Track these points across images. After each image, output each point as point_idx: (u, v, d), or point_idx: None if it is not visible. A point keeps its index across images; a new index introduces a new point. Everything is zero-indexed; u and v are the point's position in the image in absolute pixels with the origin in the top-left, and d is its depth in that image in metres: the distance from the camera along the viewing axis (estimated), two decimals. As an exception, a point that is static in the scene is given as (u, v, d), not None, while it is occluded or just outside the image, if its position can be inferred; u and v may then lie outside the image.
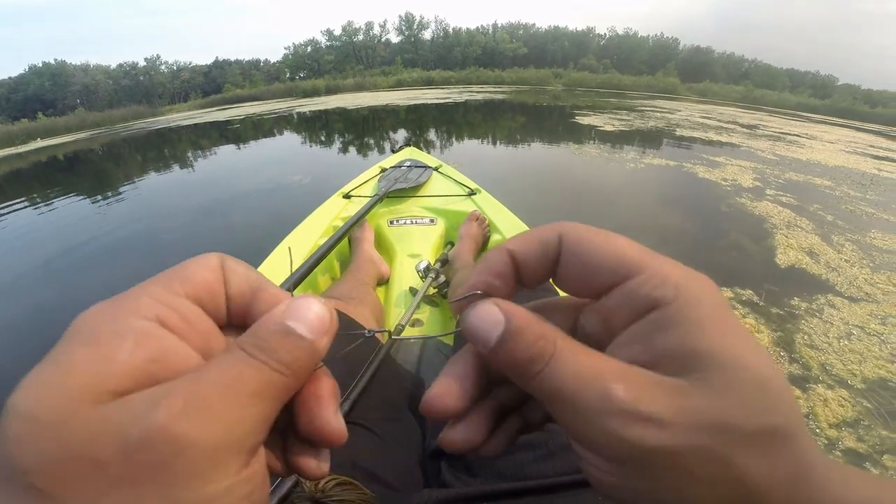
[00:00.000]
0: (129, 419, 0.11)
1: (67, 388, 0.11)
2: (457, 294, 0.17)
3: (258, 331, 0.14)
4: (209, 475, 0.12)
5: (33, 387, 0.12)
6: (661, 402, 0.13)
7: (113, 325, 0.13)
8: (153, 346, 0.13)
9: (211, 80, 39.66)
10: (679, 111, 10.87)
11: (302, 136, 7.69)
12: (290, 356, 0.14)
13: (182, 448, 0.11)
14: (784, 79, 42.21)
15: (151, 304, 0.14)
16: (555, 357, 0.14)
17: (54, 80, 32.62)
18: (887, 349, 1.45)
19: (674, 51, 45.26)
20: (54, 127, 14.67)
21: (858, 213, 2.93)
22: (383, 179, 1.55)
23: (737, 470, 0.13)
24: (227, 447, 0.12)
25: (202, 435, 0.12)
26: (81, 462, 0.11)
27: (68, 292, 2.03)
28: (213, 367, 0.13)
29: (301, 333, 0.14)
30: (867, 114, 22.49)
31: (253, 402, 0.13)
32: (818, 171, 4.28)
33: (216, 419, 0.12)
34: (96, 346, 0.12)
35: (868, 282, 1.91)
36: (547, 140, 5.97)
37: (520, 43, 44.11)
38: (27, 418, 0.11)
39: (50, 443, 0.11)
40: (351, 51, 42.16)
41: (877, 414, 1.18)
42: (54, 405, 0.11)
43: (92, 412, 0.11)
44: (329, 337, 0.15)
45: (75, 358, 0.12)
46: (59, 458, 0.11)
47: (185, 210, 3.28)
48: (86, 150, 8.61)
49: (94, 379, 0.12)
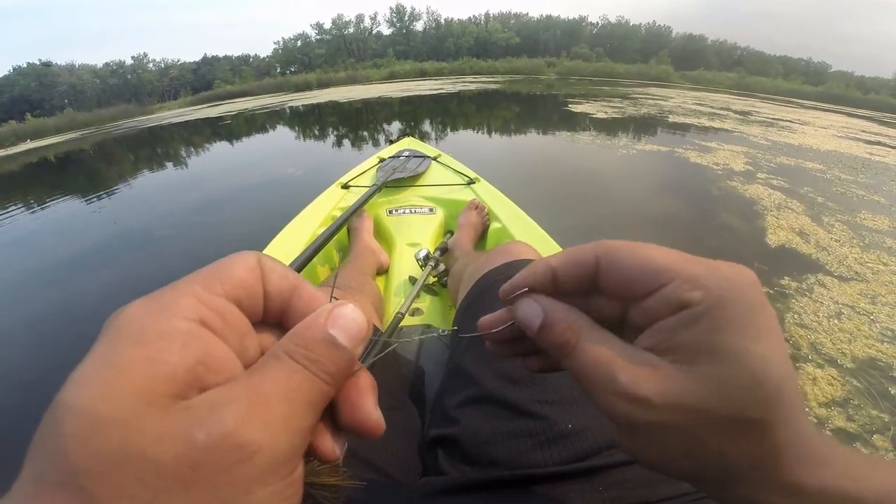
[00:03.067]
0: (194, 423, 0.12)
1: (125, 388, 0.11)
2: (506, 290, 0.21)
3: (304, 338, 0.15)
4: (267, 480, 0.12)
5: (89, 385, 0.12)
6: (652, 387, 0.16)
7: (159, 326, 0.13)
8: (198, 348, 0.13)
9: (200, 76, 39.09)
10: (672, 98, 10.84)
11: (295, 131, 7.62)
12: (335, 367, 0.15)
13: (250, 454, 0.12)
14: (777, 66, 42.05)
15: (194, 304, 0.14)
16: (579, 344, 0.18)
17: (40, 81, 32.05)
18: (877, 328, 1.45)
19: (667, 39, 45.01)
20: (43, 128, 14.46)
21: (849, 195, 2.95)
22: (382, 169, 1.54)
23: (712, 447, 0.16)
24: (287, 454, 0.13)
25: (269, 442, 0.12)
26: (141, 464, 0.11)
27: (64, 292, 2.03)
28: (269, 375, 0.13)
29: (343, 344, 0.15)
30: (860, 100, 22.49)
31: (308, 411, 0.14)
32: (810, 155, 4.30)
33: (281, 427, 0.13)
34: (146, 347, 0.12)
35: (858, 261, 1.92)
36: (541, 129, 5.95)
37: (512, 33, 43.73)
38: (87, 416, 0.11)
39: (110, 442, 0.11)
40: (342, 44, 41.63)
41: (867, 393, 1.18)
42: (115, 405, 0.11)
43: (151, 415, 0.11)
44: (363, 345, 0.16)
45: (126, 358, 0.12)
46: (118, 459, 0.11)
47: (179, 206, 3.26)
48: (77, 150, 8.49)
49: (149, 380, 0.12)
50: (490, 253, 0.62)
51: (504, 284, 0.21)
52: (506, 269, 0.54)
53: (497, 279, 0.53)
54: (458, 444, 0.38)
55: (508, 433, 0.36)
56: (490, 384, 0.41)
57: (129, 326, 0.13)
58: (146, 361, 0.12)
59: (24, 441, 0.11)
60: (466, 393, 0.42)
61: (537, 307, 0.20)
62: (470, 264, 0.68)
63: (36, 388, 1.36)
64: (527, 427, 0.36)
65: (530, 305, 0.20)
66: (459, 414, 0.41)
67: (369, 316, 0.76)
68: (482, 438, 0.37)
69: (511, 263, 0.54)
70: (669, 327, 0.17)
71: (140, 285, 1.97)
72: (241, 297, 0.15)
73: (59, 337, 1.64)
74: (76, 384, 0.12)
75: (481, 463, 0.37)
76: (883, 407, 1.14)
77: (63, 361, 1.47)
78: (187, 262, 2.19)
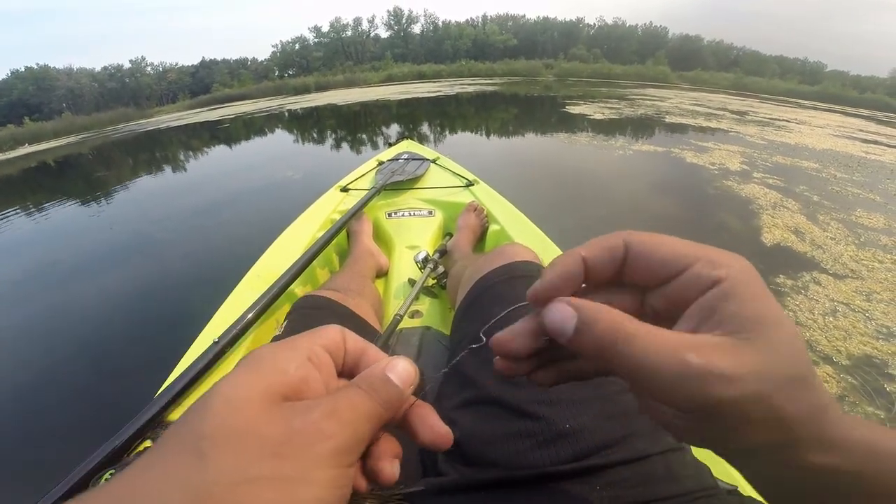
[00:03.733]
0: (293, 415, 0.17)
1: (256, 384, 0.17)
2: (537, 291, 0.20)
3: (370, 376, 0.20)
4: (332, 462, 0.17)
5: (235, 380, 0.17)
6: (725, 362, 0.16)
7: (286, 354, 0.19)
8: (305, 372, 0.19)
9: (198, 80, 39.10)
10: (669, 99, 10.88)
11: (293, 134, 7.64)
12: (388, 396, 0.19)
13: (325, 438, 0.17)
14: (773, 66, 42.18)
15: (307, 346, 0.20)
16: (632, 337, 0.17)
17: (38, 85, 32.00)
18: (872, 325, 1.46)
19: (663, 39, 45.17)
20: (42, 132, 14.45)
21: (845, 193, 2.97)
22: (381, 172, 1.55)
23: (777, 409, 0.16)
24: (347, 447, 0.18)
25: (338, 433, 0.17)
26: (251, 437, 0.16)
27: (62, 296, 2.04)
28: (345, 394, 0.19)
29: (396, 383, 0.20)
30: (856, 99, 22.57)
31: (364, 420, 0.18)
32: (806, 154, 4.32)
33: (348, 426, 0.18)
34: (276, 363, 0.19)
35: (853, 258, 1.94)
36: (538, 130, 5.97)
37: (509, 35, 43.86)
38: (226, 398, 0.17)
39: (237, 419, 0.16)
40: (340, 47, 41.73)
41: (862, 391, 1.19)
42: (247, 394, 0.17)
43: (268, 404, 0.17)
44: (413, 387, 0.21)
45: (264, 367, 0.18)
46: (237, 431, 0.16)
47: (178, 209, 3.28)
48: (75, 154, 8.49)
49: (273, 382, 0.18)
50: (489, 255, 0.62)
51: (534, 286, 0.20)
52: (504, 271, 0.54)
53: (496, 281, 0.53)
54: (458, 445, 0.38)
55: (507, 434, 0.37)
56: (488, 386, 0.41)
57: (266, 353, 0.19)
58: (274, 371, 0.18)
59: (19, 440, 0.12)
60: (465, 394, 0.42)
61: (568, 309, 0.18)
62: (469, 266, 0.68)
63: (31, 390, 1.36)
64: (525, 427, 0.36)
65: (558, 309, 0.19)
66: (458, 415, 0.41)
67: (368, 318, 0.78)
68: (481, 439, 0.38)
69: (510, 265, 0.55)
70: (708, 304, 0.18)
71: (139, 288, 1.98)
72: (331, 349, 0.21)
73: (55, 341, 1.65)
74: (228, 380, 0.18)
75: (480, 464, 0.37)
76: (879, 404, 1.15)
77: (58, 365, 1.48)
78: (186, 265, 2.20)
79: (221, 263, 2.12)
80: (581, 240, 0.21)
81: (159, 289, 1.96)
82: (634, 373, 0.17)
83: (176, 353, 0.70)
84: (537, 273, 0.54)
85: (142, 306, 1.82)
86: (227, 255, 2.23)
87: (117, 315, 1.78)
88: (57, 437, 1.15)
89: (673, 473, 0.33)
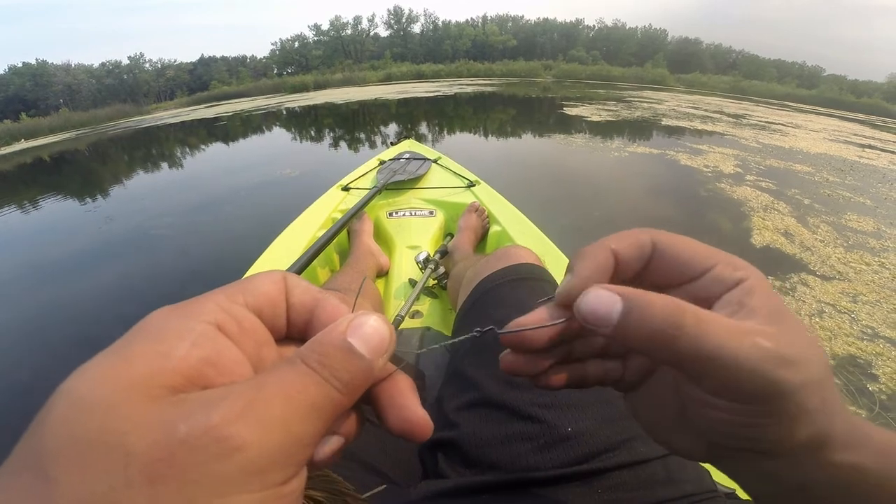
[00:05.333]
0: (180, 416, 0.11)
1: (123, 377, 0.12)
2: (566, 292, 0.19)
3: (321, 344, 0.14)
4: (248, 483, 0.11)
5: (90, 373, 0.12)
6: (792, 347, 0.16)
7: (175, 326, 0.13)
8: (209, 347, 0.13)
9: (197, 77, 38.94)
10: (666, 102, 10.92)
11: (292, 132, 7.63)
12: (349, 375, 0.14)
13: (231, 449, 0.11)
14: (771, 70, 42.36)
15: (213, 309, 0.14)
16: (701, 319, 0.16)
17: (35, 81, 31.78)
18: (857, 326, 1.48)
19: (662, 42, 45.27)
20: (38, 127, 14.37)
21: (836, 196, 2.99)
22: (382, 171, 1.54)
23: (826, 400, 0.16)
24: (278, 458, 0.12)
25: (257, 440, 0.11)
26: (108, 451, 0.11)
27: (58, 290, 2.03)
28: (276, 376, 0.13)
29: (361, 353, 0.14)
30: (853, 103, 22.64)
31: (312, 415, 0.13)
32: (799, 158, 4.35)
33: (275, 427, 0.12)
34: (156, 342, 0.13)
35: (841, 261, 1.95)
36: (536, 131, 5.99)
37: (509, 35, 43.92)
38: (74, 402, 0.11)
39: (89, 428, 0.11)
40: (339, 45, 41.65)
41: (845, 390, 1.20)
42: (105, 393, 0.11)
43: (142, 404, 0.11)
44: (386, 357, 0.15)
45: (135, 351, 0.12)
46: (91, 445, 0.11)
47: (175, 205, 3.27)
48: (72, 150, 8.46)
49: (150, 372, 0.12)
50: (490, 257, 0.62)
51: (567, 281, 0.19)
52: (506, 273, 0.54)
53: (497, 283, 0.53)
54: (458, 447, 0.38)
55: (508, 436, 0.37)
56: (489, 388, 0.41)
57: (149, 326, 0.13)
58: (152, 354, 0.12)
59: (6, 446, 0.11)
60: (466, 397, 0.42)
61: (611, 294, 0.17)
62: (470, 267, 0.68)
63: (27, 387, 1.36)
64: (526, 430, 0.36)
65: (598, 295, 0.17)
66: (459, 417, 0.41)
67: None
68: (482, 442, 0.37)
69: (511, 268, 0.55)
70: (738, 299, 0.18)
71: (135, 284, 1.99)
72: (262, 308, 0.16)
73: (50, 336, 1.65)
74: (80, 372, 0.12)
75: (481, 466, 0.36)
76: (861, 403, 1.17)
77: (54, 360, 1.48)
78: (182, 261, 2.20)
79: (219, 260, 2.13)
80: (577, 239, 0.22)
81: (155, 285, 1.96)
82: (703, 360, 0.16)
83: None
84: (539, 276, 0.54)
85: (136, 303, 1.82)
86: (223, 249, 2.24)
87: (109, 314, 1.77)
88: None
89: (673, 477, 0.33)
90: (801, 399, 0.16)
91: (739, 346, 0.15)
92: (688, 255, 0.19)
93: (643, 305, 0.16)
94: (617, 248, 0.19)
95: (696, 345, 0.15)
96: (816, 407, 0.16)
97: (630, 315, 0.16)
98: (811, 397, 0.16)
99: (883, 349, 1.37)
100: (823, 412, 0.16)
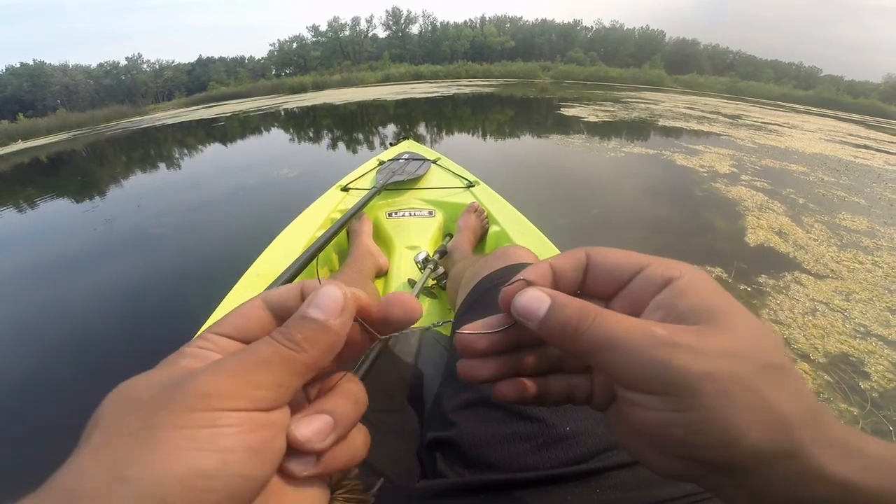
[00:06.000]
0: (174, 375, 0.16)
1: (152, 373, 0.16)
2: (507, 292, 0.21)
3: (287, 323, 0.17)
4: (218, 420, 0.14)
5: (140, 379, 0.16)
6: (692, 338, 0.16)
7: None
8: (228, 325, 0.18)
9: (195, 78, 38.85)
10: (663, 102, 10.94)
11: (290, 133, 7.62)
12: (301, 335, 0.17)
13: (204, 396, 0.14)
14: (768, 70, 42.42)
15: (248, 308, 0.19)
16: (601, 315, 0.18)
17: (33, 81, 31.67)
18: (850, 325, 1.48)
19: (660, 43, 45.31)
20: (35, 128, 14.28)
21: (830, 196, 3.01)
22: (381, 172, 1.55)
23: (767, 398, 0.16)
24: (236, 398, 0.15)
25: (215, 386, 0.15)
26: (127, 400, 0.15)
27: (55, 290, 2.03)
28: (243, 349, 0.17)
29: (313, 316, 0.17)
30: (849, 104, 22.69)
31: (261, 367, 0.16)
32: (795, 158, 4.37)
33: (230, 376, 0.15)
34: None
35: (834, 259, 1.96)
36: (534, 132, 6.00)
37: (507, 36, 43.90)
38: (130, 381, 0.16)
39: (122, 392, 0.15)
40: (338, 46, 41.62)
41: (837, 388, 1.21)
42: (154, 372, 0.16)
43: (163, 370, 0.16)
44: (346, 315, 0.18)
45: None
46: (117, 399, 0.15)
47: (172, 206, 3.27)
48: (69, 151, 8.42)
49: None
50: (489, 257, 0.63)
51: (505, 288, 0.21)
52: (504, 273, 0.54)
53: (496, 283, 0.53)
54: (457, 446, 0.39)
55: (506, 436, 0.37)
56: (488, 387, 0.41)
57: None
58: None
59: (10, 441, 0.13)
60: (464, 396, 0.42)
61: (541, 293, 0.19)
62: (469, 268, 0.69)
63: (24, 387, 1.36)
64: (525, 430, 0.36)
65: (533, 294, 0.20)
66: (457, 417, 0.41)
67: None
68: (480, 441, 0.38)
69: (510, 267, 0.55)
70: (665, 301, 0.19)
71: (131, 283, 1.99)
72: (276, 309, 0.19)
73: (47, 336, 1.65)
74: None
75: (479, 466, 0.37)
76: (853, 401, 1.17)
77: (52, 361, 1.48)
78: (180, 260, 2.21)
79: (217, 260, 2.13)
80: (574, 238, 0.24)
81: (153, 285, 1.96)
82: (602, 350, 0.18)
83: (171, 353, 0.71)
84: None
85: (135, 303, 1.82)
86: (220, 249, 2.25)
87: (108, 313, 1.77)
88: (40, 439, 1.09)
89: None
90: (717, 390, 0.16)
91: (631, 335, 0.17)
92: (617, 262, 0.21)
93: (563, 304, 0.19)
94: (554, 263, 0.22)
95: (595, 336, 0.18)
96: (753, 403, 0.16)
97: (551, 312, 0.19)
98: (737, 391, 0.16)
99: (875, 347, 1.38)
100: (769, 410, 0.16)
